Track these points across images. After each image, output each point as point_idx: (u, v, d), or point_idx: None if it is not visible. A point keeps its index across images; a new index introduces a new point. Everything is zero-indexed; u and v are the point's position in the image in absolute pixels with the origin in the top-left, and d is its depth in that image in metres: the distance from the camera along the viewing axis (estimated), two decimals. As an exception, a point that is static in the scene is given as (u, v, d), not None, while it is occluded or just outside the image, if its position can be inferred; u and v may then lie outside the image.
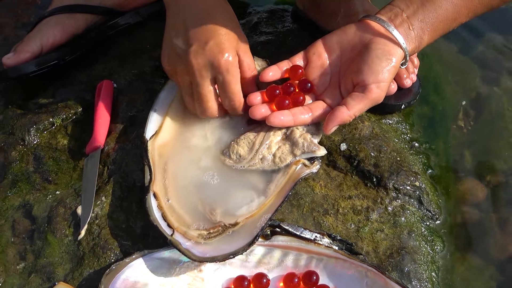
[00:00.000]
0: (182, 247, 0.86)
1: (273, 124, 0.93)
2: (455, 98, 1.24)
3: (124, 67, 1.20)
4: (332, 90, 0.95)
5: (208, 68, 0.90)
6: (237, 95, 0.93)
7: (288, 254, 0.90)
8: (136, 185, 0.99)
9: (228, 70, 0.90)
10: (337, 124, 0.91)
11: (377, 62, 0.88)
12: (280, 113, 0.93)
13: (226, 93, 0.93)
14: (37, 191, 1.02)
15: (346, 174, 1.01)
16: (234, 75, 0.91)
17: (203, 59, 0.90)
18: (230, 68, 0.90)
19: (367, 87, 0.88)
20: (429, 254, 0.95)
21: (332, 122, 0.90)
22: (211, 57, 0.89)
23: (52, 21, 1.19)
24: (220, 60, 0.89)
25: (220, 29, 0.90)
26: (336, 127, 0.91)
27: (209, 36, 0.90)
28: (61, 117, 1.11)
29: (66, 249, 0.95)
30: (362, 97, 0.89)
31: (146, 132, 0.99)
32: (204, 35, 0.90)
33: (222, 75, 0.90)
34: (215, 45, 0.89)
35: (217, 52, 0.89)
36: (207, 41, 0.89)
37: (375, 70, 0.88)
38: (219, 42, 0.89)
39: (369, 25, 0.91)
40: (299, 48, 1.00)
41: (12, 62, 1.14)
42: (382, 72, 0.88)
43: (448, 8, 0.87)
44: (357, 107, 0.89)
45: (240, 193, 0.93)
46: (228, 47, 0.90)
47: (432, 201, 1.00)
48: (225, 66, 0.89)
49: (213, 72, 0.91)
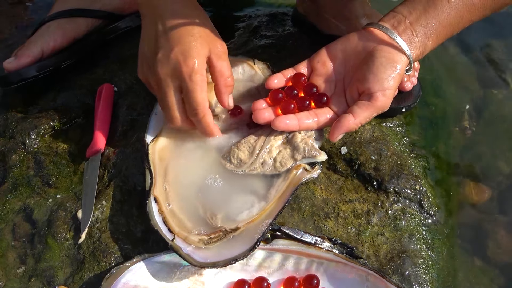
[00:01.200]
0: (183, 252, 0.86)
1: (278, 128, 0.92)
2: (456, 101, 1.24)
3: (124, 70, 1.21)
4: (338, 97, 0.95)
5: (172, 76, 0.88)
6: (200, 104, 0.89)
7: (289, 258, 0.90)
8: (137, 188, 0.99)
9: (191, 78, 0.87)
10: (344, 132, 0.90)
11: (382, 70, 0.88)
12: (286, 117, 0.92)
13: (189, 102, 0.90)
14: (38, 195, 1.02)
15: (346, 178, 1.01)
16: (198, 83, 0.88)
17: (167, 67, 0.88)
18: (193, 76, 0.87)
19: (373, 95, 0.88)
20: (430, 258, 0.95)
21: (339, 130, 0.90)
22: (175, 64, 0.87)
23: (53, 25, 1.20)
24: (182, 68, 0.87)
25: (187, 36, 0.88)
26: (342, 135, 0.91)
27: (175, 43, 0.88)
28: (61, 120, 1.12)
29: (66, 253, 0.95)
30: (368, 105, 0.89)
31: (147, 136, 0.99)
32: (170, 43, 0.88)
33: (185, 83, 0.88)
34: (179, 53, 0.87)
35: (181, 60, 0.87)
36: (172, 48, 0.87)
37: (380, 78, 0.88)
38: (184, 49, 0.87)
39: (373, 32, 0.91)
40: (300, 52, 1.00)
41: (13, 66, 1.15)
42: (387, 80, 0.88)
43: (451, 13, 0.87)
44: (363, 115, 0.89)
45: (241, 198, 0.92)
46: (194, 54, 0.87)
47: (433, 204, 1.00)
48: (188, 74, 0.87)
49: (177, 81, 0.89)
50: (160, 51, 0.88)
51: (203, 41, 0.89)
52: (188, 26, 0.89)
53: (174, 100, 0.90)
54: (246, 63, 1.06)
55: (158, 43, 0.89)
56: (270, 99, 0.95)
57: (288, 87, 0.96)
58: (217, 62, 0.91)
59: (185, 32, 0.88)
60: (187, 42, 0.88)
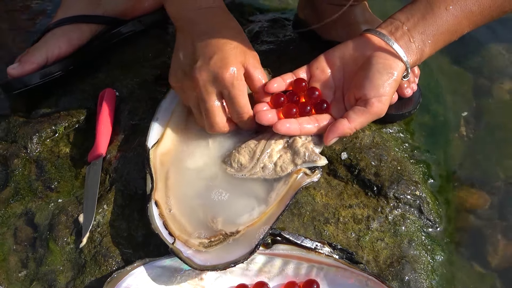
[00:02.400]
0: (183, 256, 0.86)
1: (279, 131, 0.92)
2: (456, 107, 1.24)
3: (126, 75, 1.21)
4: (337, 104, 0.96)
5: (212, 83, 0.90)
6: (245, 108, 0.92)
7: (289, 262, 0.91)
8: (138, 193, 1.00)
9: (233, 84, 0.89)
10: (337, 136, 0.91)
11: (378, 76, 0.88)
12: (287, 121, 0.93)
13: (234, 107, 0.92)
14: (39, 199, 1.03)
15: (346, 183, 1.02)
16: (240, 89, 0.91)
17: (207, 74, 0.89)
18: (235, 82, 0.89)
19: (368, 101, 0.89)
20: (430, 263, 0.95)
21: (333, 134, 0.91)
22: (215, 71, 0.89)
23: (57, 33, 1.20)
24: (224, 74, 0.89)
25: (225, 44, 0.90)
26: (336, 139, 0.92)
27: (214, 51, 0.90)
28: (63, 125, 1.12)
29: (67, 257, 0.95)
30: (363, 111, 0.89)
31: (148, 141, 1.00)
32: (209, 50, 0.90)
33: (227, 89, 0.90)
34: (219, 60, 0.89)
35: (221, 66, 0.89)
36: (211, 56, 0.89)
37: (376, 84, 0.88)
38: (223, 56, 0.89)
39: (370, 39, 0.92)
40: (300, 57, 1.00)
41: (17, 72, 1.15)
42: (383, 86, 0.88)
43: (449, 20, 0.87)
44: (358, 121, 0.90)
45: (241, 202, 0.93)
46: (233, 61, 0.89)
47: (433, 210, 1.00)
48: (230, 80, 0.89)
49: (218, 87, 0.91)
50: (199, 59, 0.90)
51: (240, 50, 0.91)
52: (225, 36, 0.91)
53: (215, 105, 0.92)
54: (247, 69, 1.07)
55: (196, 52, 0.91)
56: (272, 103, 0.96)
57: (290, 92, 0.96)
58: (254, 71, 0.93)
59: (223, 42, 0.90)
60: (226, 50, 0.90)
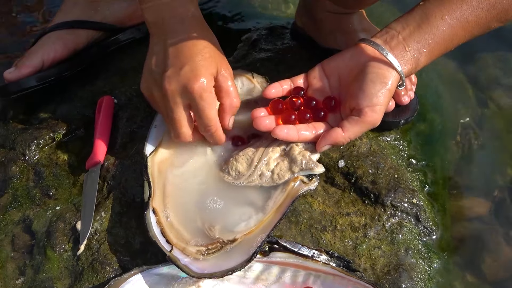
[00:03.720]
0: (181, 263, 0.86)
1: (278, 136, 0.92)
2: (453, 115, 1.24)
3: (124, 83, 1.21)
4: (334, 113, 0.96)
5: (181, 94, 0.89)
6: (213, 121, 0.92)
7: (286, 270, 0.91)
8: (136, 200, 1.00)
9: (202, 96, 0.89)
10: (329, 144, 0.92)
11: (372, 86, 0.89)
12: (286, 126, 0.93)
13: (201, 120, 0.91)
14: (37, 206, 1.03)
15: (344, 191, 1.02)
16: (208, 101, 0.90)
17: (176, 84, 0.89)
18: (203, 94, 0.89)
19: (362, 111, 0.89)
20: (426, 271, 0.95)
21: (325, 141, 0.91)
22: (184, 82, 0.88)
23: (53, 36, 1.20)
24: (193, 86, 0.88)
25: (197, 55, 0.90)
26: (328, 146, 0.92)
27: (185, 61, 0.89)
28: (61, 132, 1.12)
29: (65, 264, 0.95)
30: (357, 121, 0.90)
31: (146, 148, 1.00)
32: (180, 60, 0.89)
33: (195, 101, 0.89)
34: (190, 71, 0.88)
35: (191, 78, 0.88)
36: (182, 66, 0.89)
37: (369, 93, 0.88)
38: (194, 67, 0.88)
39: (364, 49, 0.92)
40: (298, 65, 1.01)
41: (13, 76, 1.15)
42: (376, 95, 0.88)
43: (445, 30, 0.88)
44: (352, 130, 0.90)
45: (239, 210, 0.93)
46: (203, 73, 0.89)
47: (429, 218, 1.00)
48: (198, 92, 0.88)
49: (186, 98, 0.90)
50: (169, 68, 0.89)
51: (212, 61, 0.91)
52: (198, 46, 0.91)
53: (182, 116, 0.92)
54: (245, 77, 1.07)
55: (167, 61, 0.90)
56: (270, 109, 0.96)
57: (291, 97, 0.96)
58: (224, 82, 0.92)
59: (195, 51, 0.90)
60: (197, 61, 0.89)
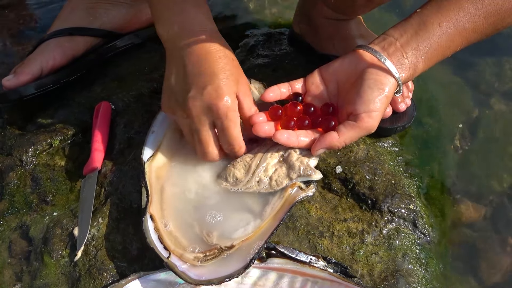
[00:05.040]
0: (178, 270, 0.86)
1: (278, 140, 0.92)
2: (450, 120, 1.25)
3: (122, 88, 1.21)
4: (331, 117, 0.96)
5: (206, 114, 0.90)
6: (237, 139, 0.92)
7: (283, 276, 0.91)
8: (133, 206, 1.00)
9: (227, 115, 0.89)
10: (325, 147, 0.92)
11: (369, 92, 0.89)
12: (286, 131, 0.93)
13: (226, 138, 0.92)
14: (34, 212, 1.03)
15: (341, 197, 1.02)
16: (233, 120, 0.90)
17: (201, 104, 0.89)
18: (229, 113, 0.89)
19: (358, 116, 0.89)
20: (424, 277, 0.95)
21: (320, 144, 0.92)
22: (209, 102, 0.89)
23: (52, 43, 1.20)
24: (218, 105, 0.89)
25: (219, 74, 0.90)
26: (323, 150, 0.92)
27: (207, 81, 0.89)
28: (59, 138, 1.12)
29: (62, 270, 0.95)
30: (353, 126, 0.90)
31: (144, 154, 1.00)
32: (202, 80, 0.90)
33: (220, 120, 0.90)
34: (213, 90, 0.89)
35: (215, 97, 0.88)
36: (205, 86, 0.89)
37: (367, 100, 0.89)
38: (217, 86, 0.89)
39: (362, 55, 0.93)
40: (296, 71, 1.01)
41: (12, 84, 1.15)
42: (373, 102, 0.89)
43: (442, 37, 0.88)
44: (347, 135, 0.90)
45: (237, 216, 0.93)
46: (227, 91, 0.89)
47: (427, 224, 1.01)
48: (223, 111, 0.89)
49: (211, 117, 0.90)
50: (192, 88, 0.90)
51: (234, 78, 0.91)
52: (219, 64, 0.90)
53: (208, 136, 0.92)
54: (242, 83, 1.08)
55: (189, 79, 0.90)
56: (269, 115, 0.96)
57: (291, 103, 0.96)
58: (244, 99, 0.93)
59: (216, 70, 0.90)
60: (219, 79, 0.89)
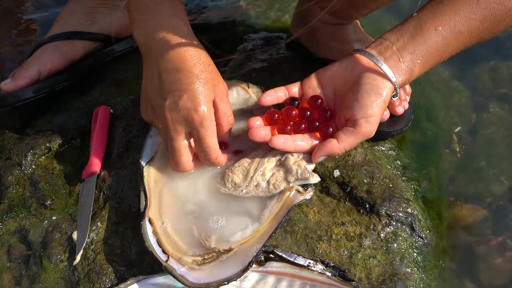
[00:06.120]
0: (177, 273, 0.87)
1: (275, 145, 0.92)
2: (447, 123, 1.25)
3: (120, 93, 1.22)
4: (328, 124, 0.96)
5: (182, 123, 0.89)
6: (212, 148, 0.91)
7: (282, 280, 0.91)
8: (132, 210, 1.00)
9: (202, 125, 0.89)
10: (325, 155, 0.92)
11: (367, 97, 0.89)
12: (282, 136, 0.93)
13: (202, 147, 0.91)
14: (33, 216, 1.03)
15: (339, 201, 1.02)
16: (209, 129, 0.89)
17: (177, 114, 0.89)
18: (204, 123, 0.89)
19: (357, 122, 0.89)
20: (422, 280, 0.96)
21: (321, 152, 0.92)
22: (185, 112, 0.88)
23: (50, 47, 1.21)
24: (193, 115, 0.88)
25: (194, 82, 0.88)
26: (323, 157, 0.93)
27: (183, 89, 0.88)
28: (57, 142, 1.12)
29: (61, 274, 0.95)
30: (352, 132, 0.90)
31: (142, 158, 1.00)
32: (178, 88, 0.88)
33: (196, 130, 0.89)
34: (189, 100, 0.88)
35: (191, 107, 0.88)
36: (181, 95, 0.88)
37: (364, 105, 0.89)
38: (193, 96, 0.88)
39: (359, 59, 0.93)
40: (293, 75, 1.01)
41: (10, 88, 1.15)
42: (371, 107, 0.89)
43: (438, 41, 0.88)
44: (347, 141, 0.90)
45: (235, 220, 0.93)
46: (203, 100, 0.88)
47: (424, 227, 1.01)
48: (199, 121, 0.88)
49: (187, 127, 0.90)
50: (168, 97, 0.89)
51: (210, 85, 0.90)
52: (194, 71, 0.89)
53: (182, 145, 0.91)
54: (240, 87, 1.08)
55: (165, 88, 0.89)
56: (266, 120, 0.96)
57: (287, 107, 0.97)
58: (220, 104, 0.92)
59: (192, 78, 0.88)
60: (196, 88, 0.88)
